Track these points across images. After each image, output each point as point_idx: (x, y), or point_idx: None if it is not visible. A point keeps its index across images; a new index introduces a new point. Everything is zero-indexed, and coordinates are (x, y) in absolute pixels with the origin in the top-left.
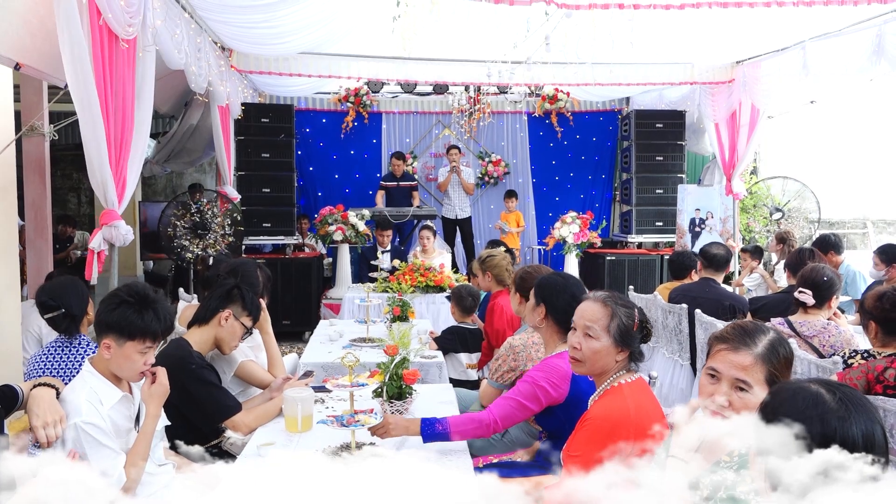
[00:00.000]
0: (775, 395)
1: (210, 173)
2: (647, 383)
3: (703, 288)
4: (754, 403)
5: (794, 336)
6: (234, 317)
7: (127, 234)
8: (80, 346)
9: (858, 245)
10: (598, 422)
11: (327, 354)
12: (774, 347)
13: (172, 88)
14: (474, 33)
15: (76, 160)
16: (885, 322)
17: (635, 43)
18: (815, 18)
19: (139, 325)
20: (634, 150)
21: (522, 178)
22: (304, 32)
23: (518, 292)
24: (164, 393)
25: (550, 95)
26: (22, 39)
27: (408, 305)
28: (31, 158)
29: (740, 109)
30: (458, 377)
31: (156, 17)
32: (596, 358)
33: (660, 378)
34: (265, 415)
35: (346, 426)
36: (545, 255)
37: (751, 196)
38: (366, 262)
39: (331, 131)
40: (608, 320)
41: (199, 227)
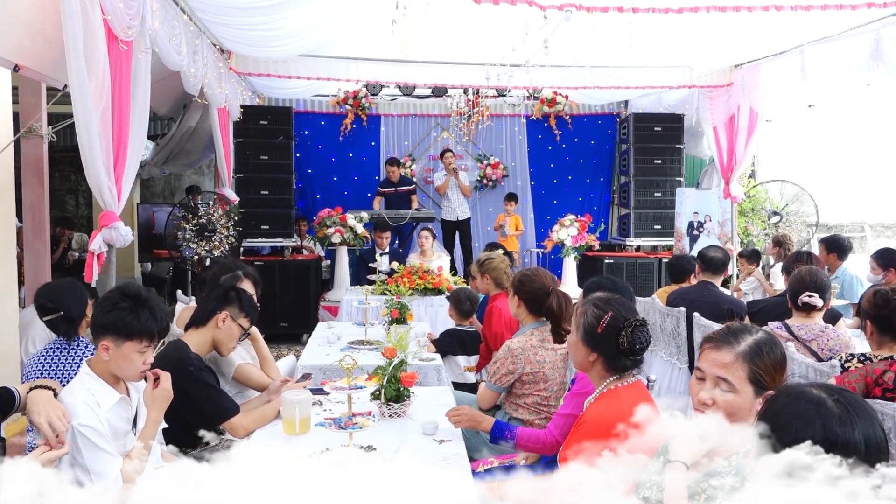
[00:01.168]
0: (776, 399)
1: (208, 175)
2: (644, 386)
3: (701, 291)
4: (739, 404)
5: (791, 339)
6: (232, 318)
7: (126, 236)
8: (78, 347)
9: (856, 248)
10: (594, 424)
11: (325, 357)
12: (759, 347)
13: (171, 90)
14: (473, 36)
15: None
16: (878, 319)
17: (634, 46)
18: (813, 22)
19: (135, 324)
20: (633, 153)
21: (521, 180)
22: (303, 35)
23: (517, 295)
24: (167, 398)
25: (549, 98)
26: (21, 41)
27: (406, 308)
28: (30, 160)
29: (739, 113)
30: (455, 380)
31: (154, 18)
32: (571, 352)
33: (658, 381)
34: (263, 417)
35: (343, 429)
36: (543, 258)
37: (749, 199)
38: (364, 265)
39: (329, 134)
40: (579, 318)
41: (204, 228)
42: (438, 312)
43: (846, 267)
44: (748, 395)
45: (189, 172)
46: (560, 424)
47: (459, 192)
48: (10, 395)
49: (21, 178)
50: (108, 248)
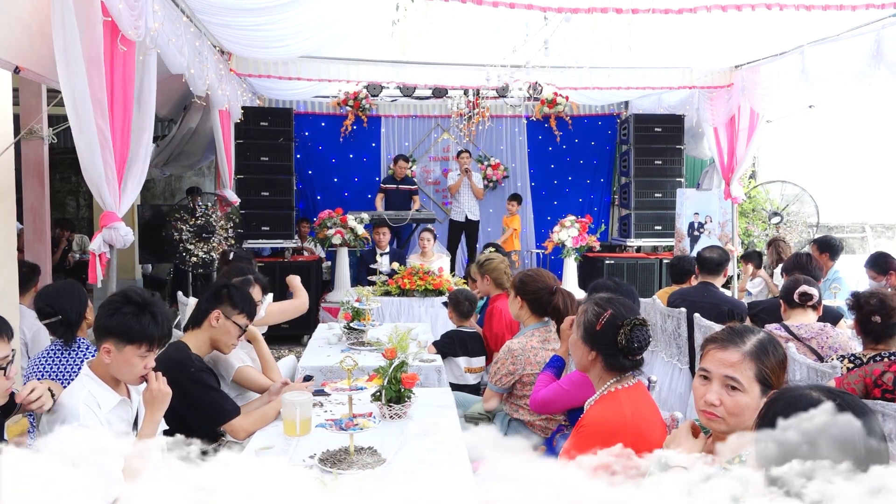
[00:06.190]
0: (776, 401)
1: (209, 176)
2: (645, 387)
3: (701, 292)
4: (746, 403)
5: (791, 339)
6: (225, 316)
7: (127, 236)
8: (79, 349)
9: (857, 249)
10: (594, 427)
11: (326, 358)
12: (764, 346)
13: (171, 92)
14: (473, 37)
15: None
16: (858, 321)
17: (634, 47)
18: (813, 23)
19: (137, 329)
20: (633, 153)
21: (521, 181)
22: (304, 36)
23: (518, 296)
24: (165, 398)
25: (549, 99)
26: (21, 43)
27: (361, 312)
28: (30, 162)
29: (739, 114)
30: (455, 381)
31: (155, 20)
32: (572, 351)
33: (658, 382)
34: (262, 419)
35: (344, 430)
36: (544, 259)
37: (749, 200)
38: (364, 266)
39: (330, 135)
40: (580, 316)
41: (202, 230)
42: (439, 314)
43: (837, 268)
44: (755, 394)
45: (189, 174)
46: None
47: (471, 193)
48: (10, 396)
49: (22, 180)
50: (109, 248)
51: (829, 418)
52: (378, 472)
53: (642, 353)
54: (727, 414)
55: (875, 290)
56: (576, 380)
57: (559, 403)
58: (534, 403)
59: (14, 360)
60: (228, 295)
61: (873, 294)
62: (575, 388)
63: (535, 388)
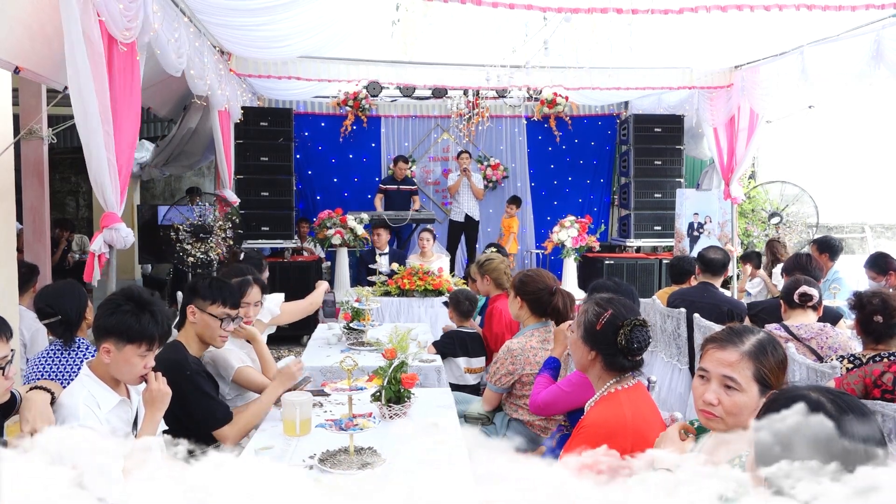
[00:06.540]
0: (774, 402)
1: (208, 176)
2: (645, 388)
3: (701, 292)
4: (744, 403)
5: (791, 339)
6: (200, 309)
7: (127, 237)
8: (79, 349)
9: (857, 250)
10: (594, 429)
11: (326, 358)
12: (763, 346)
13: (171, 92)
14: (473, 37)
15: (75, 164)
16: (859, 321)
17: (634, 47)
18: (813, 23)
19: (137, 328)
20: (633, 154)
21: (521, 182)
22: (304, 36)
23: (518, 296)
24: (165, 398)
25: (549, 100)
26: (21, 43)
27: (361, 313)
28: (30, 162)
29: (739, 114)
30: (455, 381)
31: (154, 20)
32: (572, 351)
33: (658, 382)
34: (247, 426)
35: (344, 430)
36: (544, 259)
37: (749, 200)
38: (364, 266)
39: (329, 135)
40: (580, 316)
41: (200, 230)
42: (439, 314)
43: (837, 269)
44: (754, 394)
45: (189, 174)
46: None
47: (470, 194)
48: (10, 396)
49: (21, 180)
50: (108, 248)
51: (814, 419)
52: (378, 472)
53: (642, 353)
54: (725, 413)
55: (877, 290)
56: (575, 381)
57: (559, 405)
58: (534, 406)
59: (13, 360)
60: (198, 288)
61: (875, 294)
62: (574, 390)
63: (534, 391)
